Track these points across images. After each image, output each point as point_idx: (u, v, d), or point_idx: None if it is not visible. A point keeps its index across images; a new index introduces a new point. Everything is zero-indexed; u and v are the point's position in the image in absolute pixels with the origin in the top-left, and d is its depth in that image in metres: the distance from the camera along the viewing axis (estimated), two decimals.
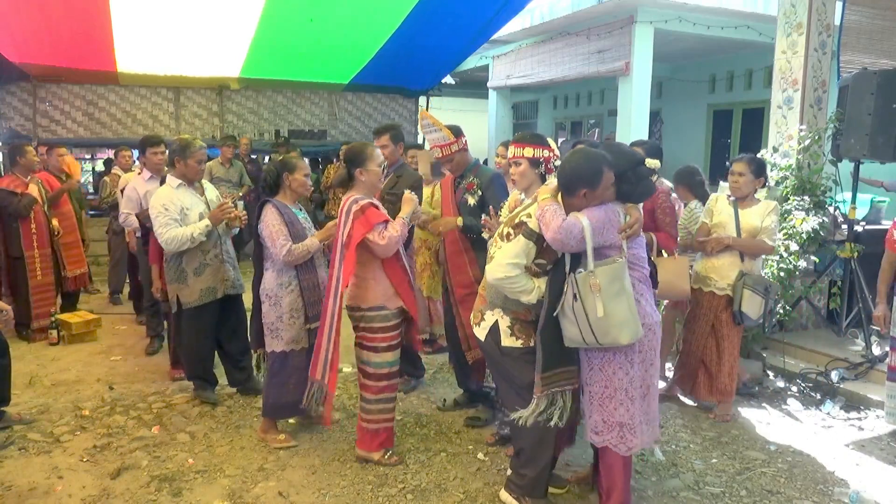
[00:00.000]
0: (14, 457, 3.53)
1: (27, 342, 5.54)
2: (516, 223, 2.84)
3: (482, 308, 2.97)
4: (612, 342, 2.63)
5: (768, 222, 3.97)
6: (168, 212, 3.93)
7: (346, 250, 3.23)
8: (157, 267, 4.48)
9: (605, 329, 2.60)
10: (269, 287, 3.58)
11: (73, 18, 7.04)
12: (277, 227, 3.48)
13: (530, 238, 2.74)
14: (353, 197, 3.29)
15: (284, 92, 10.00)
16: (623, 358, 2.74)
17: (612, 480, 2.89)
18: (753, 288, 3.90)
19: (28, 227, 5.55)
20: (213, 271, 4.07)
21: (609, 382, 2.76)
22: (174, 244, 3.92)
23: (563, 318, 2.69)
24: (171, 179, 4.09)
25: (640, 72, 9.51)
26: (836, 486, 3.35)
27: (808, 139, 5.32)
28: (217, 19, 7.33)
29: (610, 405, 2.76)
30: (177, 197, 4.01)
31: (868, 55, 5.76)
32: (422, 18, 7.57)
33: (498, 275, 2.73)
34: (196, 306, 4.05)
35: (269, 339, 3.62)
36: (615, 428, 2.77)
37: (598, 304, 2.58)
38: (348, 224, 3.23)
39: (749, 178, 4.02)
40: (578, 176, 2.69)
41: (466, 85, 15.12)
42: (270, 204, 3.56)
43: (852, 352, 4.95)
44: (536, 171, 3.10)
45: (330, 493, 3.18)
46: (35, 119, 8.64)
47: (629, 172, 2.78)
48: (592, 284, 2.59)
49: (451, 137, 3.71)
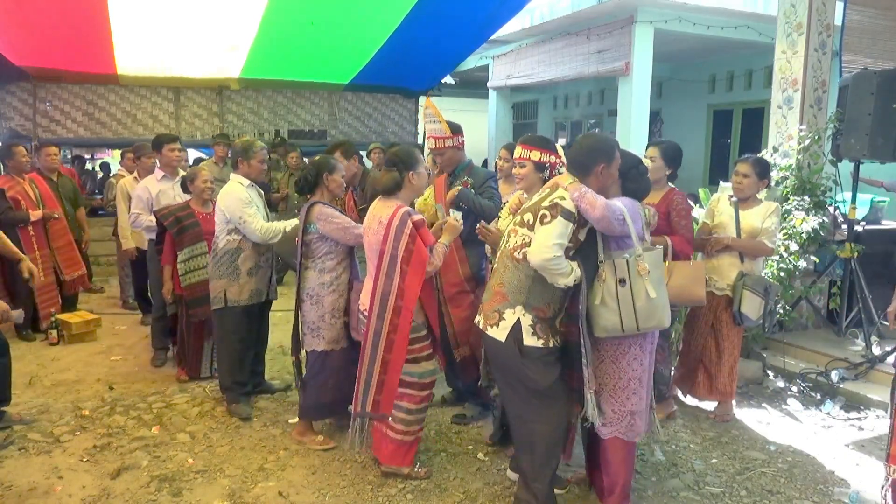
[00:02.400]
0: (14, 457, 3.53)
1: (27, 342, 5.54)
2: (550, 205, 2.69)
3: (501, 307, 2.78)
4: (657, 325, 2.72)
5: (768, 224, 3.96)
6: (251, 205, 3.95)
7: (407, 266, 3.05)
8: (171, 268, 4.49)
9: (650, 312, 2.67)
10: (311, 286, 3.56)
11: (72, 21, 7.03)
12: (341, 217, 3.49)
13: (569, 219, 2.65)
14: (404, 209, 3.11)
15: (284, 92, 10.00)
16: (638, 349, 2.80)
17: (615, 475, 2.92)
18: (753, 289, 3.89)
19: (26, 230, 5.54)
20: (264, 274, 4.10)
21: (623, 374, 2.81)
22: (270, 234, 3.94)
23: (602, 307, 2.69)
24: (242, 179, 4.07)
25: (640, 72, 9.51)
26: (836, 486, 3.35)
27: (808, 139, 5.32)
28: (217, 19, 7.33)
29: (622, 395, 2.82)
30: (249, 194, 4.02)
31: (869, 55, 5.76)
32: (421, 18, 7.57)
33: (546, 255, 2.60)
34: (243, 307, 4.02)
35: (309, 337, 3.59)
36: (626, 417, 2.83)
37: (648, 286, 2.65)
38: (404, 240, 3.04)
39: (753, 179, 4.00)
40: (596, 150, 2.75)
41: (466, 85, 15.12)
42: (320, 203, 3.55)
43: (852, 352, 4.95)
44: (540, 175, 3.11)
45: (330, 493, 3.18)
46: (35, 119, 8.63)
47: (633, 171, 2.87)
48: (641, 268, 2.66)
49: (447, 132, 3.75)
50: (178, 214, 4.46)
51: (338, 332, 3.57)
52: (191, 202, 4.55)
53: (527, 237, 2.72)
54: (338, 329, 3.57)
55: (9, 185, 5.51)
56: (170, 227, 4.44)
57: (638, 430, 2.86)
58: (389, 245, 3.07)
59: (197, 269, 4.44)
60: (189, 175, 4.59)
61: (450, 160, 3.88)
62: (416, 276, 3.05)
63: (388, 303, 3.07)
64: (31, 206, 5.61)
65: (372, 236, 3.18)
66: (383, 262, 3.09)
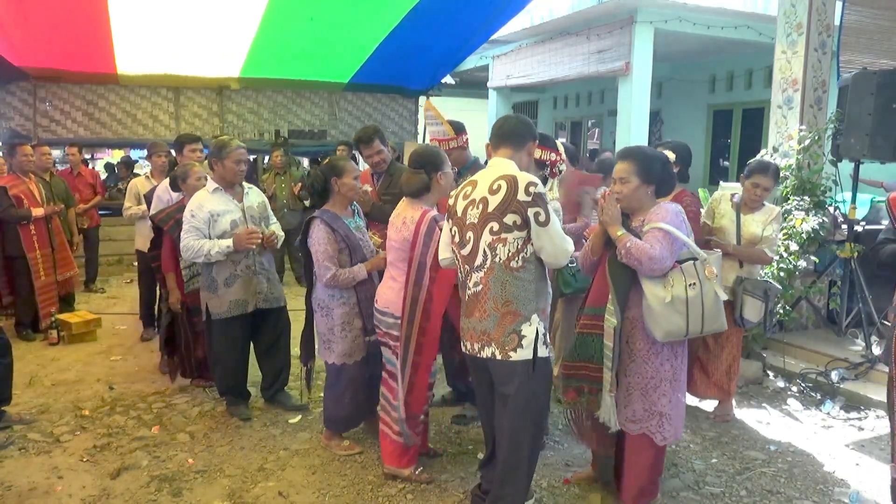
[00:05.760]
0: (14, 457, 3.53)
1: (27, 342, 5.54)
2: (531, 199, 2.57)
3: (515, 325, 2.60)
4: (719, 327, 2.77)
5: (769, 231, 3.93)
6: (194, 218, 3.77)
7: (436, 273, 3.02)
8: (174, 275, 4.29)
9: (716, 315, 2.71)
10: (321, 297, 3.45)
11: (72, 21, 7.02)
12: (323, 249, 3.31)
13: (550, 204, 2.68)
14: (432, 214, 3.08)
15: (284, 92, 9.99)
16: (669, 350, 2.78)
17: (637, 476, 2.89)
18: (753, 293, 3.90)
19: (27, 229, 5.55)
20: (244, 283, 3.88)
21: (655, 373, 2.77)
22: (188, 254, 3.78)
23: (670, 310, 2.65)
24: (210, 183, 3.93)
25: (640, 72, 9.51)
26: (836, 486, 3.35)
27: (808, 139, 5.32)
28: (217, 19, 7.33)
29: (654, 395, 2.78)
30: (208, 202, 3.82)
31: (868, 55, 5.76)
32: (421, 18, 7.56)
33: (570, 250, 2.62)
34: (225, 318, 3.88)
35: (323, 349, 3.52)
36: (655, 416, 2.79)
37: (717, 288, 2.70)
38: (433, 245, 2.99)
39: (771, 190, 4.03)
40: (527, 125, 2.78)
41: (466, 85, 15.11)
42: (318, 220, 3.36)
43: (852, 352, 4.95)
44: (540, 173, 3.09)
45: (330, 493, 3.18)
46: (35, 119, 8.63)
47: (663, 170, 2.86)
48: (709, 272, 2.70)
49: (451, 133, 3.74)
50: (177, 217, 4.15)
51: (350, 346, 3.44)
52: (185, 201, 4.28)
53: (518, 241, 2.58)
54: (350, 342, 3.44)
55: (12, 184, 5.51)
56: (170, 230, 4.20)
57: (666, 433, 2.80)
58: (418, 252, 3.05)
59: (201, 275, 4.19)
60: (180, 173, 4.37)
61: (455, 160, 3.84)
62: (445, 280, 3.04)
63: (417, 308, 3.06)
64: (34, 205, 5.61)
65: (395, 234, 3.16)
66: (412, 270, 3.07)
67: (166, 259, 4.30)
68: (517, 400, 2.65)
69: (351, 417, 3.57)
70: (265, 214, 4.11)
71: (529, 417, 2.68)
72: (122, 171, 10.59)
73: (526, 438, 2.70)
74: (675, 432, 2.83)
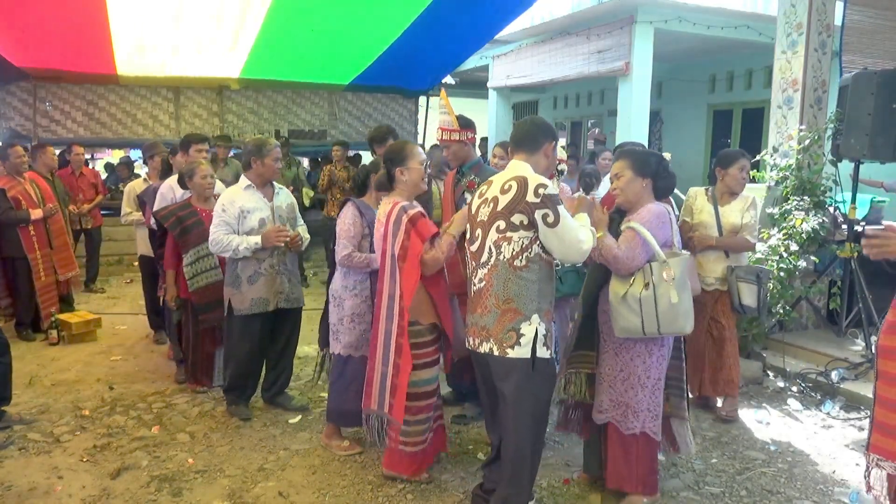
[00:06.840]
0: (14, 457, 3.53)
1: (27, 342, 5.54)
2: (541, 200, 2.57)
3: (515, 324, 2.60)
4: (678, 330, 2.79)
5: (748, 219, 4.00)
6: (224, 213, 3.82)
7: (403, 263, 2.99)
8: (174, 272, 4.30)
9: (673, 317, 2.73)
10: (335, 287, 3.55)
11: (72, 21, 7.01)
12: (347, 228, 3.43)
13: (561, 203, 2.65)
14: (400, 204, 3.06)
15: (284, 92, 9.99)
16: (643, 347, 2.87)
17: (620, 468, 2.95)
18: (746, 279, 3.95)
19: (26, 230, 5.55)
20: (268, 282, 3.90)
21: (624, 367, 2.90)
22: (215, 247, 3.83)
23: (624, 307, 2.75)
24: (242, 180, 3.96)
25: (640, 72, 9.50)
26: (836, 486, 3.35)
27: (808, 139, 5.32)
28: (217, 19, 7.33)
29: (621, 387, 2.91)
30: (239, 198, 3.87)
31: (870, 55, 5.76)
32: (425, 26, 7.55)
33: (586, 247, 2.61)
34: (246, 315, 3.90)
35: (331, 339, 3.57)
36: (620, 407, 2.91)
37: (672, 291, 2.70)
38: (400, 236, 3.00)
39: None
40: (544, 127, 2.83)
41: (466, 85, 15.10)
42: (352, 203, 3.51)
43: (852, 352, 4.95)
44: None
45: (330, 493, 3.18)
46: (35, 119, 8.63)
47: (661, 168, 2.95)
48: (666, 273, 2.72)
49: (455, 126, 3.73)
50: (180, 214, 4.22)
51: (356, 338, 3.47)
52: (191, 199, 4.33)
53: (524, 240, 2.59)
54: (357, 334, 3.47)
55: (9, 186, 5.51)
56: (171, 228, 4.20)
57: (630, 424, 2.89)
58: (389, 244, 3.06)
59: (206, 272, 4.22)
60: (187, 171, 4.35)
61: (455, 154, 3.81)
62: (411, 269, 2.98)
63: (394, 303, 3.05)
64: (32, 206, 5.60)
65: (377, 231, 3.20)
66: (386, 262, 3.10)
67: (168, 257, 4.33)
68: (516, 399, 2.64)
69: (354, 413, 3.54)
70: (293, 215, 4.14)
71: (530, 417, 2.68)
72: (122, 171, 10.60)
73: (528, 438, 2.70)
74: (641, 425, 2.90)
